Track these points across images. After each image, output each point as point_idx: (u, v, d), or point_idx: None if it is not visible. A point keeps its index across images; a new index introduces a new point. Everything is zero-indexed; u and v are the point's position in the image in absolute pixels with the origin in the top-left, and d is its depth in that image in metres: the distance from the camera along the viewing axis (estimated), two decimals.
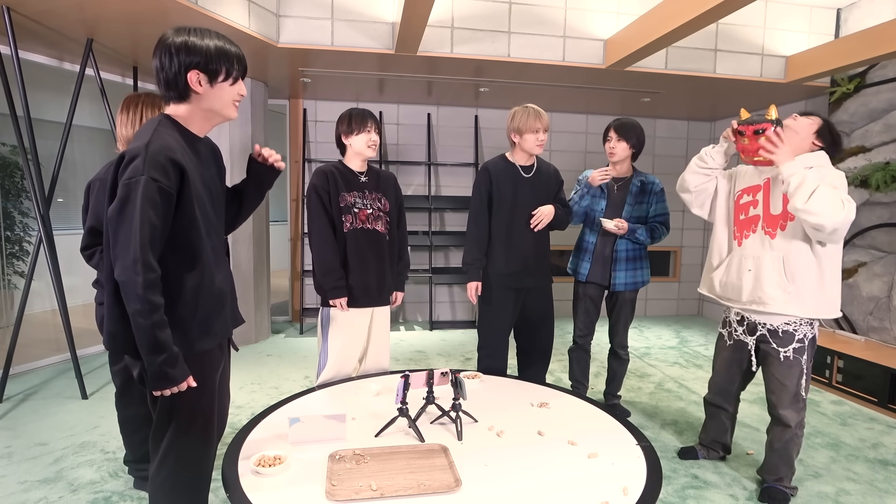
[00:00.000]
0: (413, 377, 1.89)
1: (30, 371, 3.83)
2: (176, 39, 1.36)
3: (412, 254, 5.61)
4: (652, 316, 6.21)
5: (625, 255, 2.92)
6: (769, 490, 2.26)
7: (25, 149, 3.26)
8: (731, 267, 2.25)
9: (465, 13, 3.80)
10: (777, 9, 4.19)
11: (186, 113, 1.43)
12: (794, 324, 2.12)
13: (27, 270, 3.43)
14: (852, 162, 4.13)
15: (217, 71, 1.39)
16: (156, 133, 1.34)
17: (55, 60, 3.91)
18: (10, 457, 2.58)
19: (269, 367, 4.04)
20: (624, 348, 3.07)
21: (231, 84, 1.44)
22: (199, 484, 1.53)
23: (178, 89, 1.39)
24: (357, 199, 2.41)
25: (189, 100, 1.41)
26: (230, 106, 1.46)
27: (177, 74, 1.36)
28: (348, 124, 2.37)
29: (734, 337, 2.32)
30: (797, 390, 2.16)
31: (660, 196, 2.93)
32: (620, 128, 2.84)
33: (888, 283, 3.84)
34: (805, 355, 2.14)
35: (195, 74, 1.37)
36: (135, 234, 1.26)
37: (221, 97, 1.43)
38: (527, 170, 2.66)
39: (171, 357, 1.33)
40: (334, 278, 2.37)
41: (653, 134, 6.04)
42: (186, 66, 1.36)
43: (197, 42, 1.36)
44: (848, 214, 1.88)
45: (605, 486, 1.52)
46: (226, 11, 3.20)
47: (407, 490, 1.46)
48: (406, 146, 5.55)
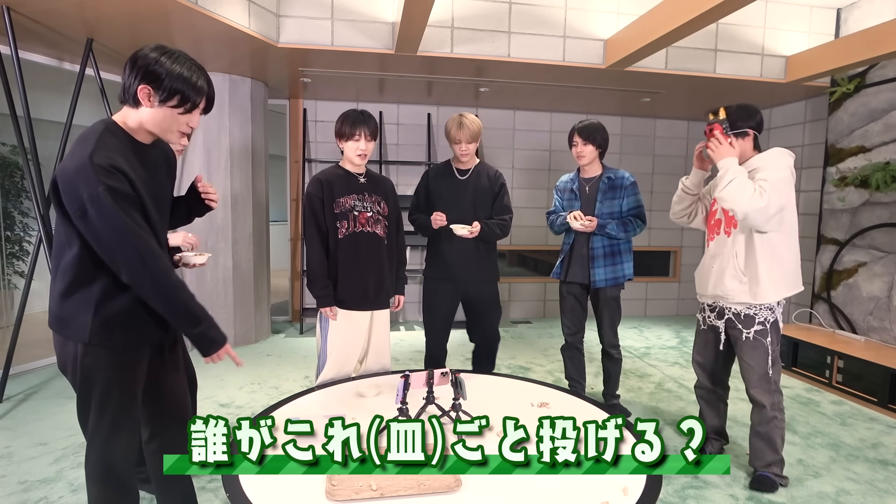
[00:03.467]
0: (413, 377, 1.89)
1: (30, 371, 3.83)
2: (149, 53, 1.41)
3: (412, 253, 5.62)
4: (652, 316, 6.20)
5: (601, 252, 2.95)
6: (759, 477, 2.38)
7: (25, 149, 3.26)
8: (703, 264, 2.52)
9: (465, 13, 3.80)
10: (777, 9, 4.18)
11: (134, 122, 1.46)
12: (753, 308, 2.31)
13: (27, 270, 3.43)
14: (852, 162, 4.13)
15: (170, 94, 1.42)
16: (99, 141, 1.37)
17: (55, 60, 3.91)
18: (10, 457, 2.58)
19: (269, 367, 4.04)
20: (615, 347, 3.08)
21: (181, 112, 1.45)
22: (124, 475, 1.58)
23: (130, 97, 1.43)
24: (357, 202, 2.39)
25: (138, 111, 1.44)
26: (173, 132, 1.48)
27: (132, 83, 1.41)
28: (341, 127, 2.33)
29: (707, 322, 2.52)
30: (764, 370, 2.32)
31: (631, 189, 2.95)
32: (584, 131, 2.92)
33: (888, 283, 3.83)
34: (769, 337, 2.31)
35: (146, 89, 1.40)
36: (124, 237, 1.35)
37: (164, 120, 1.45)
38: (462, 173, 2.85)
39: (209, 322, 1.50)
40: (319, 287, 2.37)
41: (653, 134, 6.04)
42: (141, 78, 1.40)
43: (163, 61, 1.40)
44: (755, 202, 2.09)
45: (605, 486, 1.52)
46: (226, 11, 3.20)
47: (407, 490, 1.46)
48: (406, 146, 5.55)
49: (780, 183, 2.16)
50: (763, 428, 2.36)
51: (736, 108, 2.35)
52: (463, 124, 2.70)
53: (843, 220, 4.21)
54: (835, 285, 4.26)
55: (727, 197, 2.16)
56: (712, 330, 2.50)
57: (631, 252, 3.02)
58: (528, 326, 5.56)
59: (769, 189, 2.12)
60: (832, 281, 4.28)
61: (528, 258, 6.21)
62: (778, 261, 2.25)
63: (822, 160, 4.54)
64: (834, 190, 4.29)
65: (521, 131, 5.77)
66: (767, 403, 2.34)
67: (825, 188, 4.38)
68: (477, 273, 2.84)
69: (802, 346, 3.94)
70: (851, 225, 4.13)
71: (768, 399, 2.34)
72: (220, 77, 4.26)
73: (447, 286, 2.87)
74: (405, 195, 5.56)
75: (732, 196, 2.14)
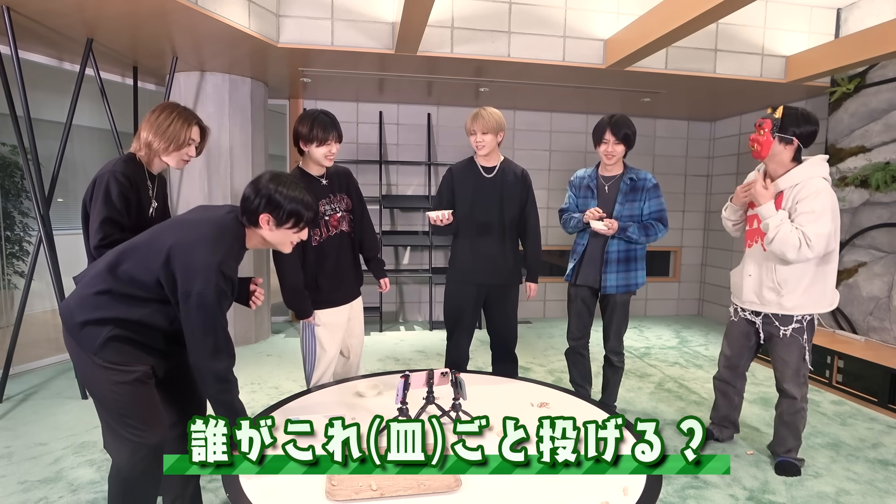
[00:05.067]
0: (413, 377, 1.89)
1: (30, 371, 3.83)
2: (269, 185, 1.61)
3: (411, 253, 5.62)
4: (652, 316, 6.21)
5: (616, 257, 2.81)
6: (782, 464, 2.51)
7: (25, 149, 3.26)
8: (739, 271, 2.59)
9: (465, 13, 3.80)
10: (777, 9, 4.19)
11: (249, 233, 1.68)
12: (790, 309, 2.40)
13: (27, 270, 3.43)
14: (852, 162, 4.13)
15: (285, 221, 1.64)
16: (229, 251, 1.60)
17: (55, 60, 3.91)
18: (10, 457, 2.58)
19: (269, 367, 4.04)
20: (617, 354, 2.96)
21: (295, 231, 1.68)
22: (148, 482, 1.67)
23: (250, 220, 1.64)
24: (326, 207, 2.36)
25: (256, 229, 1.66)
26: (287, 244, 1.72)
27: (255, 211, 1.61)
28: (310, 131, 2.25)
29: (739, 315, 2.59)
30: (798, 366, 2.41)
31: (653, 192, 2.79)
32: (617, 126, 2.71)
33: (888, 283, 3.83)
34: (805, 335, 2.39)
35: (267, 217, 1.62)
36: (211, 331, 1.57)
37: (280, 237, 1.68)
38: (488, 171, 2.73)
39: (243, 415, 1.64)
40: (300, 301, 2.34)
41: (653, 134, 6.04)
42: (262, 209, 1.61)
43: (279, 195, 1.61)
44: (802, 253, 2.22)
45: (605, 486, 1.52)
46: (226, 11, 3.20)
47: (407, 490, 1.46)
48: (406, 146, 5.55)
49: (824, 218, 2.24)
50: (790, 418, 2.47)
51: (794, 113, 2.32)
52: (478, 115, 2.62)
53: (844, 220, 4.21)
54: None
55: (777, 250, 2.29)
56: (748, 324, 2.57)
57: (645, 259, 2.89)
58: (529, 326, 5.56)
59: (814, 238, 2.21)
60: None
61: None
62: (815, 279, 2.35)
63: None
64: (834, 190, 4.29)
65: (521, 131, 5.77)
66: (798, 395, 2.44)
67: None
68: (502, 276, 2.76)
69: None
70: (851, 225, 4.13)
71: (799, 392, 2.44)
72: (220, 77, 4.25)
73: (470, 289, 2.77)
74: (405, 195, 5.59)
75: (780, 249, 2.27)
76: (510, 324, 2.87)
